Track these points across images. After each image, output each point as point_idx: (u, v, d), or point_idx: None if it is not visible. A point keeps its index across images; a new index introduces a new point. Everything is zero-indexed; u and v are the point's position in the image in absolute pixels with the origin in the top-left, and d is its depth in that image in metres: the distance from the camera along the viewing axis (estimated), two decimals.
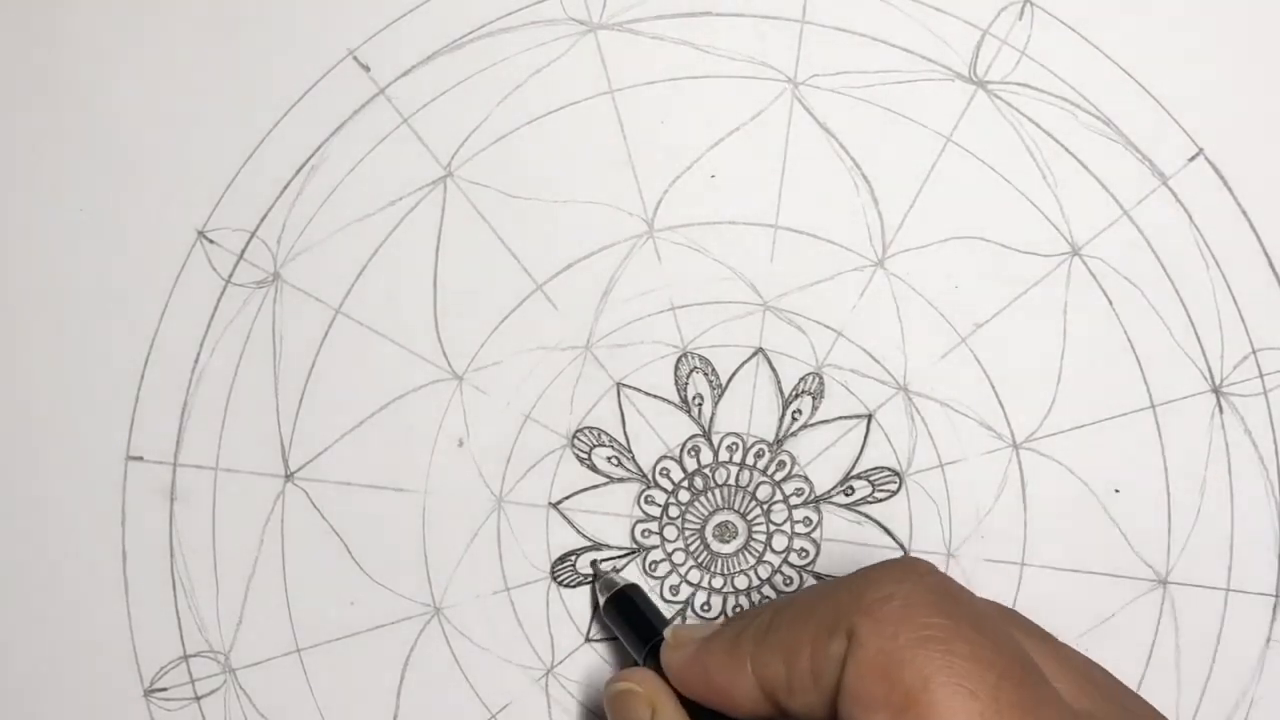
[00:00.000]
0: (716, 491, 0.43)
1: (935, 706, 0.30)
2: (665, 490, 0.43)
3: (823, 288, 0.43)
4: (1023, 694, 0.31)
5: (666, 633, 0.38)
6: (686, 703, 0.37)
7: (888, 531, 0.43)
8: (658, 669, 0.38)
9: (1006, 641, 0.32)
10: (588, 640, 0.43)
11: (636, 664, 0.39)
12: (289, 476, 0.43)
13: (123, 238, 0.43)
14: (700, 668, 0.36)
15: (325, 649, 0.43)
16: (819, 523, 0.43)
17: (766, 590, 0.43)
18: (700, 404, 0.43)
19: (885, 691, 0.31)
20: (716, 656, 0.35)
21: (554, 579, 0.43)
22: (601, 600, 0.42)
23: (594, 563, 0.43)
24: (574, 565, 0.43)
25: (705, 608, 0.43)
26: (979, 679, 0.30)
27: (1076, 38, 0.42)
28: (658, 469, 0.43)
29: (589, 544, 0.43)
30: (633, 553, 0.43)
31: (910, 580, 0.33)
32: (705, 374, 0.43)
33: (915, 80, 0.42)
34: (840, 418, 0.43)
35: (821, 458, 0.43)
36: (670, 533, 0.43)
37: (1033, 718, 0.30)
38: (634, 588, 0.42)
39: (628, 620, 0.41)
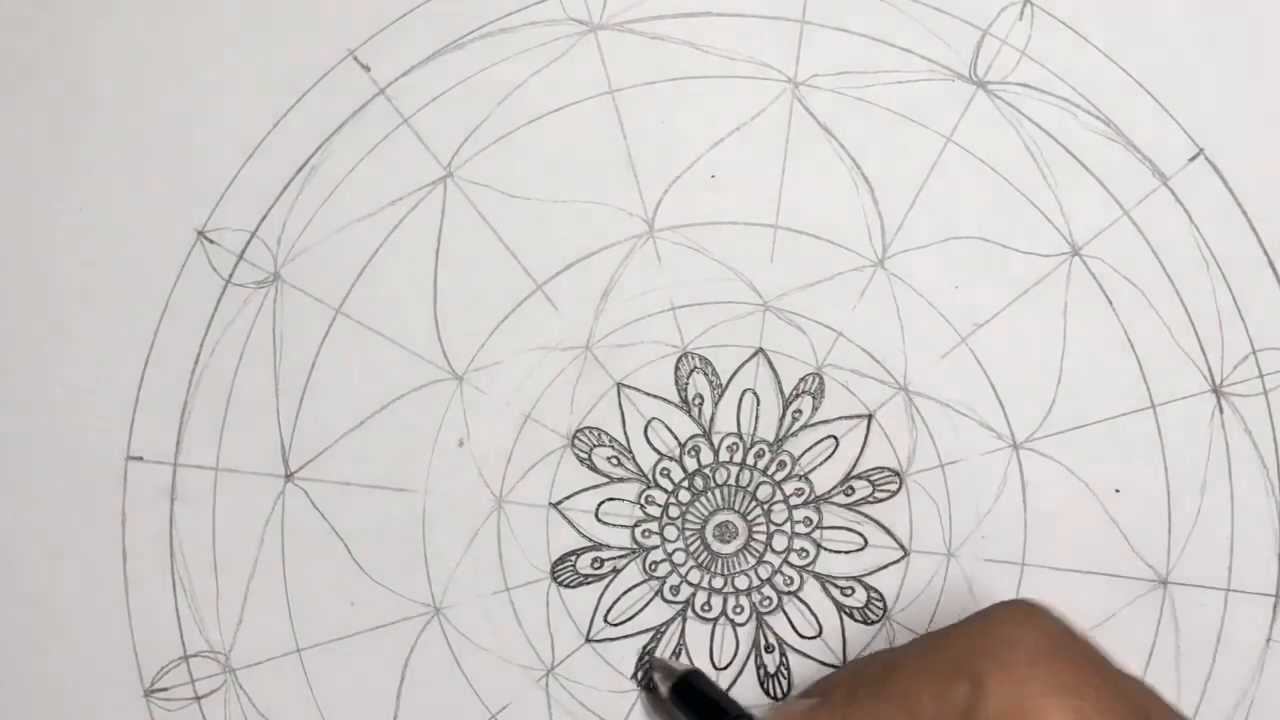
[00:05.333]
0: (717, 491, 0.43)
1: None
2: (665, 490, 0.43)
3: (823, 288, 0.43)
4: None
5: (770, 714, 0.37)
6: None
7: (888, 531, 0.43)
8: None
9: (1130, 690, 0.32)
10: (588, 640, 0.43)
11: None
12: (289, 476, 0.43)
13: (123, 238, 0.43)
14: None
15: (325, 649, 0.43)
16: (819, 523, 0.43)
17: (767, 590, 0.43)
18: (700, 404, 0.43)
19: None
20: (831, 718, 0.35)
21: (554, 579, 0.43)
22: (664, 689, 0.41)
23: (647, 650, 0.43)
24: (574, 565, 0.43)
25: (706, 608, 0.43)
26: None
27: (1077, 38, 0.42)
28: (658, 469, 0.43)
29: (589, 544, 0.43)
30: (633, 553, 0.43)
31: (1032, 624, 0.33)
32: (705, 374, 0.43)
33: (915, 80, 0.42)
34: (840, 418, 0.43)
35: (822, 458, 0.43)
36: (670, 533, 0.43)
37: None
38: (696, 673, 0.41)
39: (695, 708, 0.40)
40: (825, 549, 0.43)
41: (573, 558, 0.43)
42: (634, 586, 0.43)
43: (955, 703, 0.32)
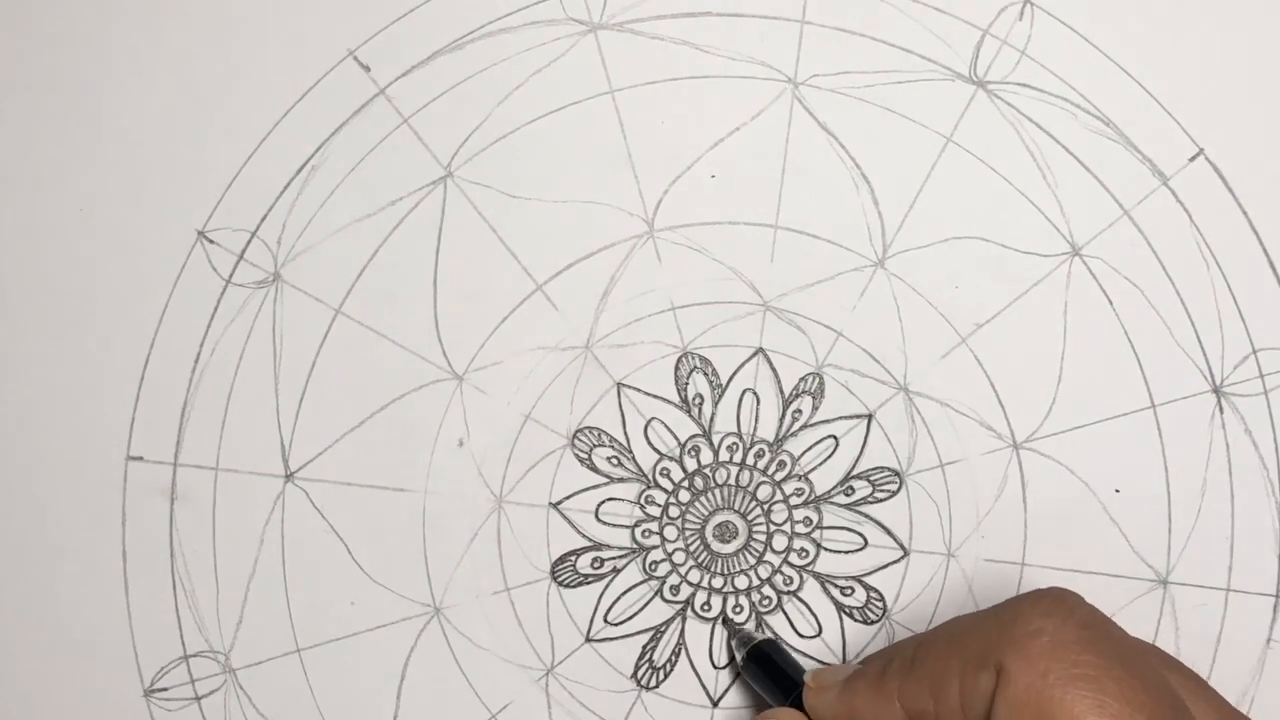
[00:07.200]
0: (716, 491, 0.43)
1: None
2: (665, 490, 0.43)
3: (823, 288, 0.43)
4: None
5: (807, 676, 0.39)
6: None
7: (888, 531, 0.43)
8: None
9: (1156, 681, 0.32)
10: (588, 640, 0.43)
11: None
12: (289, 476, 0.43)
13: (123, 238, 0.43)
14: (846, 707, 0.37)
15: (325, 649, 0.43)
16: (819, 523, 0.43)
17: (767, 590, 0.43)
18: (700, 404, 0.43)
19: None
20: (862, 695, 0.36)
21: (554, 579, 0.43)
22: (739, 656, 0.42)
23: (727, 620, 0.43)
24: (574, 565, 0.43)
25: (705, 608, 0.43)
26: None
27: (1077, 38, 0.42)
28: (658, 469, 0.43)
29: (589, 544, 0.43)
30: (633, 553, 0.43)
31: (1059, 615, 0.33)
32: (705, 374, 0.43)
33: (915, 80, 0.42)
34: (840, 418, 0.43)
35: (821, 458, 0.43)
36: (670, 533, 0.43)
37: None
38: (770, 642, 0.42)
39: (768, 674, 0.41)
40: (825, 549, 0.43)
41: (573, 558, 0.43)
42: (634, 586, 0.43)
43: (981, 689, 0.32)
